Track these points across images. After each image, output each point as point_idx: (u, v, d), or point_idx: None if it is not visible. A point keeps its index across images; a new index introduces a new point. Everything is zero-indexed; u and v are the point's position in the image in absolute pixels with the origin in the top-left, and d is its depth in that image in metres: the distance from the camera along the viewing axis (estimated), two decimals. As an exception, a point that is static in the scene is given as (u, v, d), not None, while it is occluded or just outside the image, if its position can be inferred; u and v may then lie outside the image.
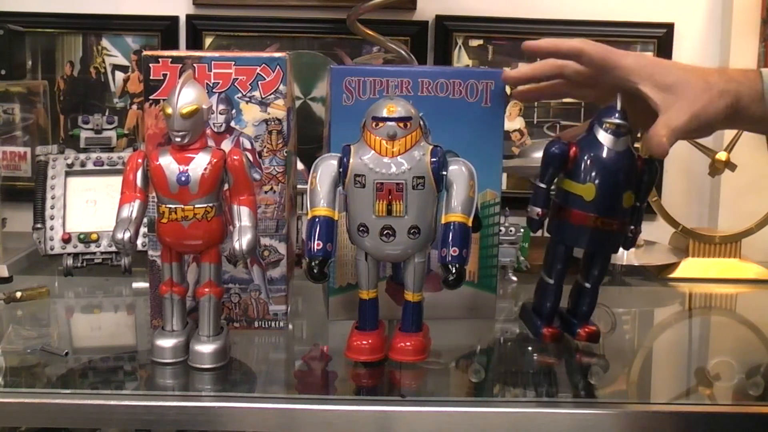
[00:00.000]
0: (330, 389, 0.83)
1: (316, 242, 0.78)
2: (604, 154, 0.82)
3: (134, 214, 0.81)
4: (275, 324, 0.95)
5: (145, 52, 0.92)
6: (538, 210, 0.86)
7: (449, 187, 0.80)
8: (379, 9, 1.26)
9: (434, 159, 0.79)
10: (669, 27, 1.42)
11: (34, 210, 1.16)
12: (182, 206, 0.80)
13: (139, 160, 0.82)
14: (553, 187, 0.87)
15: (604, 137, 0.82)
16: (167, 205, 0.81)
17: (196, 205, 0.81)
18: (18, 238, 1.22)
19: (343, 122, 0.92)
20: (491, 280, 0.99)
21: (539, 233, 0.92)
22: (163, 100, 0.85)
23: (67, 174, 1.17)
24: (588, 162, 0.82)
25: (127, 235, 0.79)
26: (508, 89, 0.96)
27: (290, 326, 0.96)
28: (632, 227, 0.86)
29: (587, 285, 0.88)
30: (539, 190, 0.86)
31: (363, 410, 0.76)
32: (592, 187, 0.82)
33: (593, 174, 0.82)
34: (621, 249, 0.88)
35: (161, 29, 1.40)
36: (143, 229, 0.85)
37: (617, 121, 0.82)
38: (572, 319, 0.90)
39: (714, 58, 1.42)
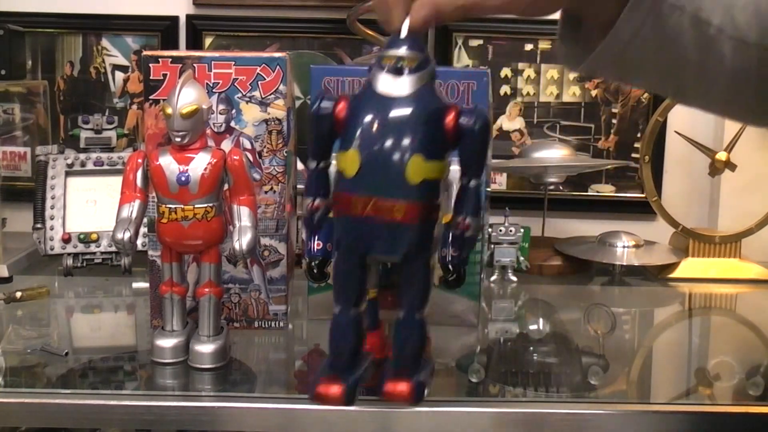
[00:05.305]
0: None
1: (315, 242, 0.78)
2: (375, 104, 0.56)
3: (134, 214, 0.81)
4: (275, 324, 0.95)
5: (145, 52, 0.92)
6: (308, 201, 0.59)
7: (449, 187, 0.80)
8: (379, 9, 1.26)
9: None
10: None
11: (34, 210, 1.16)
12: (182, 206, 0.80)
13: (139, 160, 0.82)
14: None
15: (380, 79, 0.56)
16: (167, 205, 0.81)
17: (196, 205, 0.81)
18: (18, 238, 1.22)
19: None
20: (474, 287, 0.95)
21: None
22: (163, 100, 0.85)
23: (67, 174, 1.17)
24: (355, 120, 0.56)
25: (127, 235, 0.79)
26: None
27: (290, 326, 0.96)
28: (460, 217, 0.59)
29: (400, 315, 0.61)
30: (308, 172, 0.60)
31: (363, 410, 0.76)
32: (355, 156, 0.55)
33: (357, 136, 0.56)
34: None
35: (161, 29, 1.40)
36: (143, 229, 0.85)
37: (395, 52, 0.56)
38: (390, 366, 0.63)
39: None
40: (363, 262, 0.58)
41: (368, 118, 0.56)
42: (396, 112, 0.55)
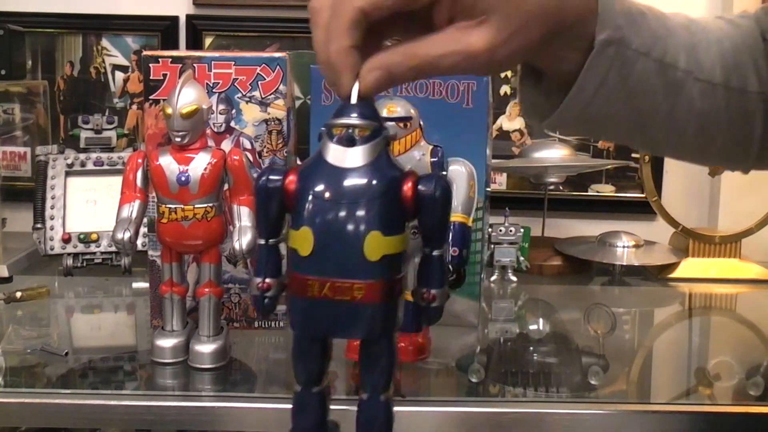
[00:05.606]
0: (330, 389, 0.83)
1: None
2: (326, 177, 0.52)
3: (134, 214, 0.81)
4: (275, 324, 0.95)
5: (145, 52, 0.92)
6: (258, 281, 0.55)
7: (451, 183, 0.80)
8: (379, 9, 1.26)
9: (434, 159, 0.79)
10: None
11: (34, 210, 1.16)
12: (182, 206, 0.80)
13: (139, 160, 0.82)
14: None
15: (330, 150, 0.52)
16: (167, 205, 0.81)
17: (196, 205, 0.81)
18: (18, 238, 1.22)
19: (323, 122, 0.92)
20: (474, 287, 0.95)
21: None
22: (163, 100, 0.85)
23: (67, 174, 1.17)
24: (305, 194, 0.52)
25: (127, 235, 0.79)
26: None
27: (290, 326, 0.96)
28: (424, 290, 0.53)
29: (364, 396, 0.56)
30: (258, 249, 0.56)
31: (363, 410, 0.76)
32: (308, 233, 0.51)
33: (309, 212, 0.51)
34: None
35: (161, 29, 1.40)
36: (143, 229, 0.85)
37: (345, 121, 0.52)
38: None
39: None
40: (323, 342, 0.55)
41: (320, 192, 0.51)
42: (349, 186, 0.51)
